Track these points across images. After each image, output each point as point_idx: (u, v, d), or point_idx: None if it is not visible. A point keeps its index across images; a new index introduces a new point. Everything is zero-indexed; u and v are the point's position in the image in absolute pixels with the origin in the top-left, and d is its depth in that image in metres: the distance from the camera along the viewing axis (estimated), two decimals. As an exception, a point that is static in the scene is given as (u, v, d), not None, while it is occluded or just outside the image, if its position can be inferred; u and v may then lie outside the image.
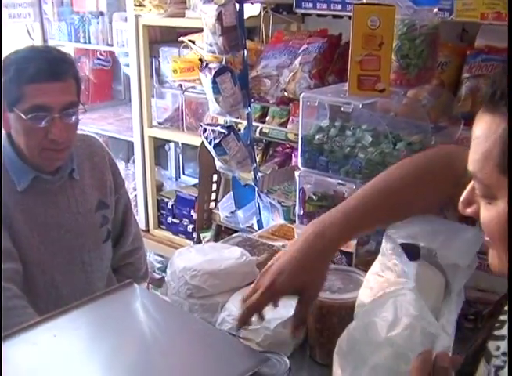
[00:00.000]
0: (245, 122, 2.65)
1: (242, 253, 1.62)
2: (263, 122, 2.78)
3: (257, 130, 2.71)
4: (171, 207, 3.54)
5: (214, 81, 2.42)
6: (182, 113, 3.40)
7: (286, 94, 2.48)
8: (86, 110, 1.72)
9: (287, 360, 1.26)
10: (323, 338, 1.41)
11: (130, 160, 3.81)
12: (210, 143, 2.51)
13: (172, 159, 3.84)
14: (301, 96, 1.84)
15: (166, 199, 3.58)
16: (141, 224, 3.32)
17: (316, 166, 1.83)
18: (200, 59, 2.65)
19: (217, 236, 2.99)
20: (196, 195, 3.29)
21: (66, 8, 3.77)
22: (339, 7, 2.25)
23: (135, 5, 3.17)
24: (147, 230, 3.55)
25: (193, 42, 3.01)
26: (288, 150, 2.96)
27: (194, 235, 3.29)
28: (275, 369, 1.22)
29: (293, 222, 2.32)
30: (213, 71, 2.43)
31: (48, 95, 1.58)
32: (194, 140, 3.16)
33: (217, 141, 2.47)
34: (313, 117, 1.87)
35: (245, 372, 1.16)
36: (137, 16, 3.21)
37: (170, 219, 3.55)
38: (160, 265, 3.55)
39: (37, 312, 1.55)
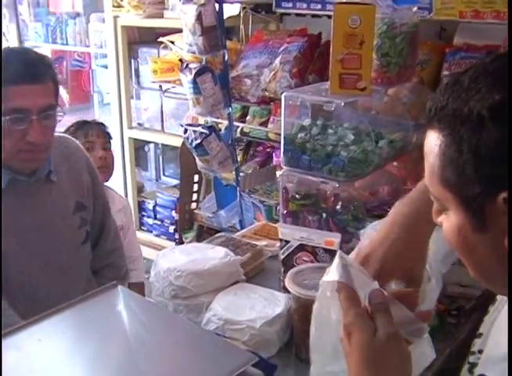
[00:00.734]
0: (226, 122, 2.65)
1: (226, 253, 1.61)
2: (244, 122, 2.78)
3: (238, 130, 2.71)
4: (152, 209, 3.53)
5: (194, 82, 2.42)
6: (162, 114, 3.39)
7: (266, 93, 2.49)
8: (65, 113, 1.70)
9: None
10: (308, 337, 1.40)
11: (110, 161, 3.78)
12: (191, 144, 2.51)
13: (152, 160, 3.83)
14: (282, 95, 1.83)
15: (147, 200, 3.57)
16: (122, 226, 3.29)
17: (299, 165, 1.83)
18: (180, 60, 2.65)
19: (199, 237, 2.98)
20: (177, 196, 3.28)
21: (42, 9, 3.74)
22: (318, 6, 2.27)
23: (113, 6, 3.16)
24: (128, 232, 3.52)
25: (173, 43, 3.00)
26: (269, 150, 2.97)
27: (176, 236, 3.29)
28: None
29: (275, 221, 2.32)
30: (193, 71, 2.43)
31: (26, 98, 1.56)
32: (175, 141, 3.16)
33: (198, 141, 2.46)
34: (295, 116, 1.87)
35: (232, 371, 1.15)
36: (115, 17, 3.19)
37: (151, 221, 3.53)
38: (142, 267, 3.53)
39: (16, 314, 1.53)
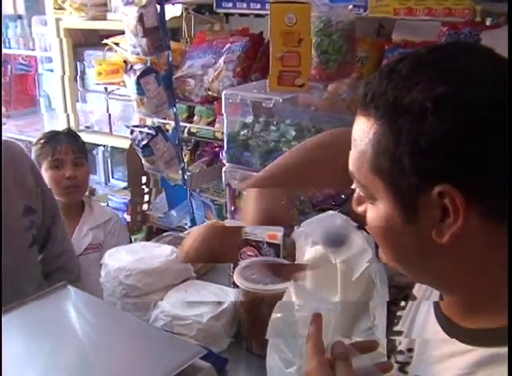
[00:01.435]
0: (173, 123, 2.66)
1: (172, 250, 1.63)
2: (191, 122, 2.79)
3: (186, 130, 2.72)
4: (103, 212, 3.50)
5: (137, 83, 2.42)
6: (110, 116, 3.38)
7: (210, 93, 2.51)
8: (9, 116, 1.69)
9: None
10: (256, 329, 1.43)
11: (59, 166, 3.74)
12: (138, 145, 2.51)
13: (101, 163, 3.79)
14: (223, 94, 1.86)
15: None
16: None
17: (241, 161, 1.87)
18: (124, 61, 2.65)
19: (148, 238, 2.98)
20: (128, 198, 3.27)
21: (-19, 11, 3.67)
22: (258, 6, 2.31)
23: (55, 9, 3.12)
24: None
25: (117, 44, 2.99)
26: (216, 149, 2.97)
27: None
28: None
29: (226, 219, 2.34)
30: (137, 73, 2.43)
31: None
32: (123, 143, 3.14)
33: (145, 142, 2.47)
34: (238, 114, 1.91)
35: (180, 364, 1.17)
36: (57, 20, 3.16)
37: (103, 223, 3.50)
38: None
39: None
